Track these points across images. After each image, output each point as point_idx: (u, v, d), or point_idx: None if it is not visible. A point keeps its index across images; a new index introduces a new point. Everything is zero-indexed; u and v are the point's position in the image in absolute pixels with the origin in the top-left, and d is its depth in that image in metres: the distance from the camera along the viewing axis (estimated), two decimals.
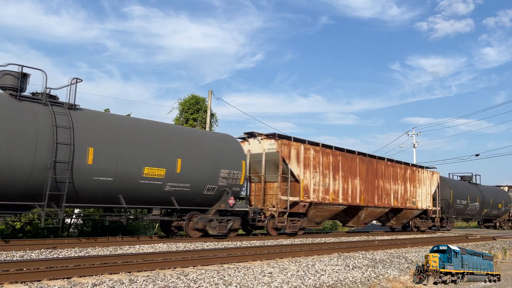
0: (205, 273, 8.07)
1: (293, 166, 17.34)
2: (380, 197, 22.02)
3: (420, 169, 26.17)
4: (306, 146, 18.09)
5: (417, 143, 45.00)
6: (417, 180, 25.50)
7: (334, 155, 19.46)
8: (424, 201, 25.89)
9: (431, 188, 26.91)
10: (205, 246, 12.87)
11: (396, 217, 24.65)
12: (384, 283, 9.68)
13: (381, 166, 22.53)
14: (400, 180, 23.83)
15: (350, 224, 21.81)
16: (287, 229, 17.07)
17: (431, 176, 27.19)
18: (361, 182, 20.87)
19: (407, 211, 24.49)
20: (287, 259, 10.83)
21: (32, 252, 9.76)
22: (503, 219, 39.19)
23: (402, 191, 23.87)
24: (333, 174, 19.18)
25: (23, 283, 6.48)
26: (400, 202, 23.52)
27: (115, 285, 6.68)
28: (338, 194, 19.28)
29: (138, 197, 12.74)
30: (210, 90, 26.07)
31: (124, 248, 11.33)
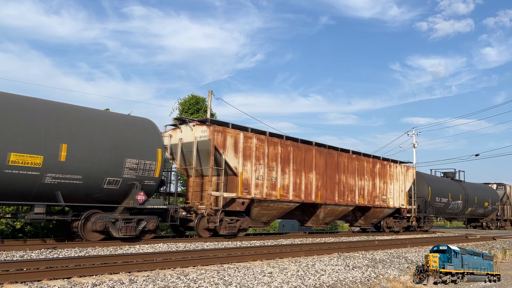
0: (205, 273, 8.07)
1: (229, 157, 15.08)
2: (341, 194, 19.76)
3: (392, 163, 23.70)
4: (247, 134, 15.77)
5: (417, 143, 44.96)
6: (389, 176, 23.13)
7: (284, 146, 17.15)
8: (397, 198, 23.55)
9: (405, 185, 24.57)
10: (205, 246, 12.88)
11: (365, 217, 22.33)
12: (384, 283, 9.68)
13: (344, 159, 20.16)
14: (367, 175, 21.51)
15: (309, 224, 19.53)
16: (222, 230, 14.79)
17: (405, 171, 24.73)
18: (318, 177, 18.60)
19: (376, 210, 22.17)
20: (287, 259, 10.83)
21: (32, 252, 9.76)
22: (490, 219, 36.44)
23: (369, 187, 21.53)
24: (282, 167, 16.90)
25: (23, 283, 6.48)
26: (367, 199, 21.23)
27: (115, 285, 6.68)
28: (288, 190, 17.02)
29: (3, 191, 10.42)
30: (210, 90, 26.09)
31: (124, 248, 11.33)
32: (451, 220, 36.42)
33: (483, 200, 33.95)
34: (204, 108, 27.95)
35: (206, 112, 26.62)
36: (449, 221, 39.81)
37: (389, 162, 23.52)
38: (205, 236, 14.77)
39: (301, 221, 20.00)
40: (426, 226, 26.65)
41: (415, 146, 44.85)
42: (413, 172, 25.51)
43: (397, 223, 24.21)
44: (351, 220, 22.78)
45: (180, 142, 15.81)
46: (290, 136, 17.82)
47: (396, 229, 24.06)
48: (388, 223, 23.87)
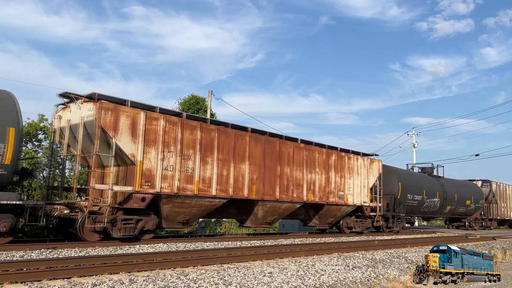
0: (205, 273, 8.07)
1: (123, 142, 12.28)
2: (285, 189, 16.93)
3: (352, 155, 20.74)
4: (151, 114, 13.00)
5: (417, 143, 45.07)
6: (347, 169, 20.23)
7: (206, 131, 14.34)
8: (358, 195, 20.68)
9: (368, 180, 21.56)
10: (205, 246, 12.88)
11: (319, 215, 19.47)
12: (384, 283, 9.68)
13: (289, 149, 17.30)
14: (320, 168, 18.68)
15: (248, 224, 16.86)
16: (115, 232, 12.16)
17: (368, 164, 21.72)
18: (253, 168, 15.79)
19: (331, 208, 19.40)
20: (287, 259, 10.84)
21: (32, 252, 9.76)
22: (473, 218, 33.73)
23: (322, 181, 18.74)
24: (203, 156, 14.14)
25: (23, 283, 6.48)
26: (318, 195, 18.45)
27: (115, 285, 6.68)
28: (210, 184, 14.26)
29: None
30: (210, 90, 26.10)
31: (124, 248, 11.33)
32: (429, 220, 33.45)
33: (464, 198, 31.26)
34: (204, 108, 27.97)
35: (206, 112, 26.63)
36: (427, 221, 36.81)
37: (348, 153, 20.59)
38: (93, 239, 12.16)
39: (239, 220, 17.39)
40: (396, 227, 23.80)
41: (415, 146, 44.91)
42: (378, 166, 22.48)
43: (359, 223, 21.45)
44: (305, 220, 20.09)
45: (68, 124, 12.96)
46: (217, 120, 15.12)
47: (358, 229, 21.33)
48: (348, 222, 21.09)
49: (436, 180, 28.74)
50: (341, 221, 21.02)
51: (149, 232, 13.26)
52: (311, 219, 19.83)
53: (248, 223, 16.82)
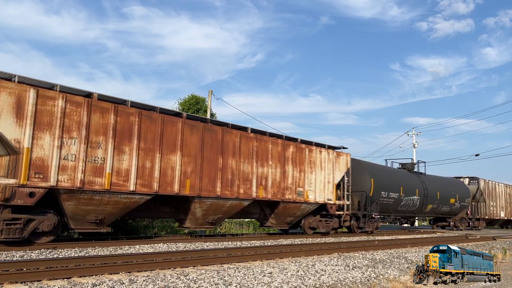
0: (205, 273, 8.07)
1: (4, 124, 10.20)
2: (228, 184, 14.83)
3: (315, 147, 18.69)
4: (45, 93, 10.91)
5: (417, 143, 45.06)
6: (308, 163, 18.16)
7: (122, 115, 12.21)
8: (321, 192, 18.67)
9: (334, 175, 19.51)
10: (205, 246, 12.88)
11: (275, 214, 17.35)
12: (384, 283, 9.68)
13: (234, 139, 15.19)
14: (274, 161, 16.59)
15: (188, 224, 14.74)
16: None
17: (334, 158, 19.68)
18: (188, 160, 13.68)
19: (288, 206, 17.33)
20: (287, 259, 10.84)
21: (32, 252, 9.76)
22: (459, 218, 31.51)
23: (277, 176, 16.68)
24: (118, 144, 12.03)
25: (23, 283, 6.48)
26: (271, 192, 16.35)
27: (115, 285, 6.68)
28: (127, 177, 12.14)
29: None
30: (210, 90, 26.12)
31: (124, 248, 11.33)
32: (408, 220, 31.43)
33: (448, 196, 29.00)
34: (204, 108, 27.98)
35: (206, 112, 26.63)
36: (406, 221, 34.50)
37: (309, 145, 18.47)
38: None
39: (179, 220, 15.29)
40: (368, 227, 21.83)
41: (415, 146, 44.90)
42: (346, 160, 20.40)
43: (323, 222, 19.36)
44: (260, 219, 18.16)
45: None
46: (136, 101, 12.95)
47: (322, 230, 19.30)
48: (310, 222, 19.09)
49: (416, 177, 26.66)
50: (303, 220, 19.04)
51: (48, 234, 11.23)
52: (267, 218, 17.74)
53: (188, 223, 14.80)
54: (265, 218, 17.85)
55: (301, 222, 19.18)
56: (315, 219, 19.19)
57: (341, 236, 19.88)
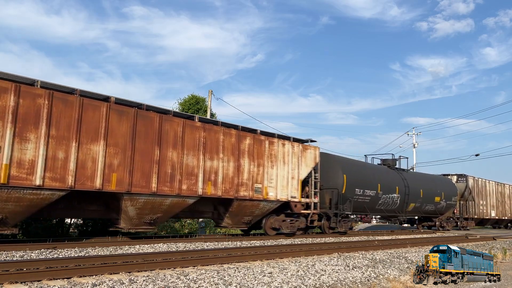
0: (205, 273, 8.07)
1: None
2: (167, 179, 13.01)
3: (276, 139, 16.91)
4: None
5: (417, 143, 45.06)
6: (268, 156, 16.40)
7: (25, 96, 10.46)
8: (283, 188, 16.87)
9: (299, 170, 17.73)
10: (205, 246, 12.88)
11: (229, 213, 15.52)
12: (384, 283, 9.68)
13: (176, 128, 13.39)
14: (226, 154, 14.84)
15: (122, 225, 12.99)
16: None
17: (300, 152, 17.89)
18: (114, 151, 11.97)
19: (244, 204, 15.47)
20: (287, 259, 10.84)
21: (32, 252, 9.76)
22: (446, 217, 29.49)
23: (230, 171, 14.89)
24: (20, 131, 10.29)
25: (23, 283, 6.48)
26: (223, 188, 14.61)
27: (115, 285, 6.68)
28: (33, 169, 10.38)
29: None
30: (210, 90, 26.11)
31: (124, 248, 11.33)
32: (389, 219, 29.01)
33: (432, 194, 27.14)
34: (204, 108, 27.97)
35: (206, 112, 26.63)
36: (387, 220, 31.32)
37: (270, 137, 16.71)
38: None
39: (111, 220, 13.55)
40: (341, 227, 19.96)
41: (415, 146, 44.91)
42: (314, 154, 18.60)
43: (287, 223, 17.47)
44: (215, 218, 16.27)
45: None
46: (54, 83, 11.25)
47: (286, 230, 17.36)
48: (272, 222, 17.13)
49: (396, 173, 24.67)
50: (264, 220, 17.04)
51: None
52: (222, 218, 15.86)
53: (122, 224, 12.96)
54: (220, 217, 15.96)
55: (262, 222, 17.13)
56: (277, 218, 17.29)
57: (341, 236, 19.86)
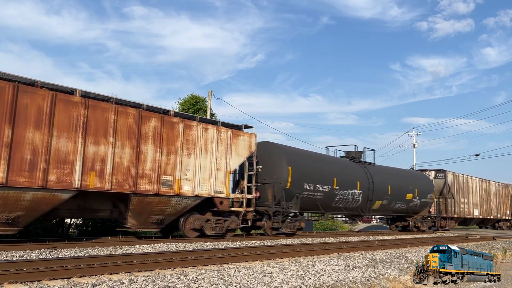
0: (205, 273, 8.07)
1: None
2: (26, 167, 10.43)
3: (196, 123, 14.21)
4: None
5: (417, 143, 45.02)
6: (184, 143, 13.73)
7: None
8: (205, 182, 14.22)
9: (228, 160, 15.06)
10: (205, 246, 12.88)
11: (131, 211, 12.73)
12: (384, 283, 9.68)
13: (40, 103, 10.79)
14: (120, 138, 12.21)
15: None
16: None
17: (229, 138, 15.17)
18: None
19: (148, 200, 12.83)
20: (287, 259, 10.83)
21: (32, 252, 9.76)
22: (421, 217, 26.63)
23: (124, 159, 12.24)
24: None
25: (23, 283, 6.47)
26: (113, 180, 11.95)
27: (115, 285, 6.68)
28: None
29: None
30: (210, 90, 26.12)
31: (124, 248, 11.33)
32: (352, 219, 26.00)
33: (403, 191, 24.35)
34: (204, 108, 27.96)
35: (206, 112, 26.63)
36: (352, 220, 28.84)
37: (187, 120, 14.05)
38: None
39: None
40: (286, 227, 17.56)
41: (415, 146, 44.87)
42: (250, 142, 15.89)
43: (211, 223, 14.51)
44: (119, 218, 13.54)
45: None
46: None
47: (209, 232, 14.35)
48: (192, 222, 14.20)
49: (359, 167, 21.99)
50: (181, 220, 14.10)
51: None
52: (125, 217, 13.00)
53: None
54: (123, 217, 13.19)
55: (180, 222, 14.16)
56: (199, 217, 14.31)
57: (341, 236, 19.83)
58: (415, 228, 26.37)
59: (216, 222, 14.65)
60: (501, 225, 38.29)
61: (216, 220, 14.72)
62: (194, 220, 14.24)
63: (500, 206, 37.50)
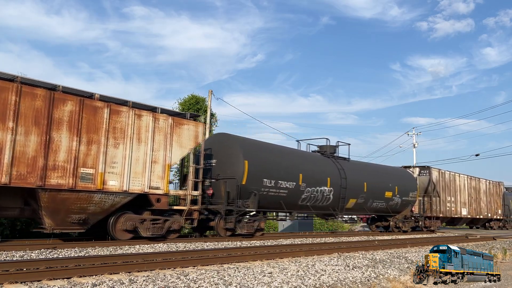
0: (205, 273, 8.07)
1: None
2: None
3: (125, 108, 12.43)
4: None
5: (417, 143, 45.00)
6: (110, 131, 12.04)
7: None
8: (138, 176, 12.56)
9: (167, 152, 13.32)
10: (205, 246, 12.87)
11: (45, 210, 11.05)
12: (384, 283, 9.68)
13: None
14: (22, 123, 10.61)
15: None
16: None
17: (169, 127, 13.46)
18: None
19: (62, 197, 11.19)
20: (287, 259, 10.83)
21: (32, 252, 9.76)
22: (403, 216, 24.74)
23: (29, 148, 10.68)
24: None
25: (23, 283, 6.47)
26: (13, 173, 10.34)
27: (115, 285, 6.68)
28: None
29: None
30: (210, 90, 26.11)
31: (124, 248, 11.33)
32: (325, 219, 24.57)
33: (382, 189, 22.45)
34: (204, 108, 27.95)
35: (206, 112, 26.63)
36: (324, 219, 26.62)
37: (114, 105, 12.27)
38: None
39: None
40: (242, 229, 15.62)
41: (415, 146, 44.87)
42: (196, 131, 14.14)
43: (147, 223, 12.82)
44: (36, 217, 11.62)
45: None
46: None
47: (144, 234, 12.70)
48: (123, 223, 12.43)
49: (331, 162, 20.07)
50: (110, 219, 12.38)
51: None
52: (40, 216, 11.28)
53: None
54: (38, 215, 11.45)
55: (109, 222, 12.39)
56: (130, 217, 12.59)
57: (341, 236, 19.83)
58: (396, 229, 24.53)
59: (153, 223, 12.99)
60: (492, 225, 36.24)
61: (154, 220, 13.04)
62: (126, 220, 12.50)
63: (491, 205, 35.36)
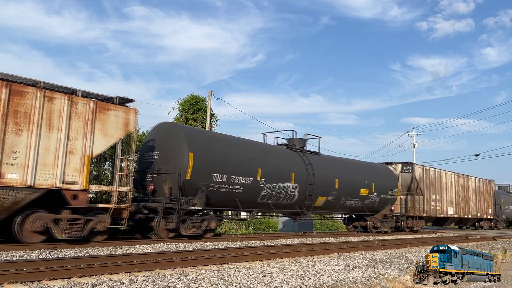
0: (205, 273, 8.07)
1: None
2: None
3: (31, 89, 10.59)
4: None
5: (417, 143, 45.00)
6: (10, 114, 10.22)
7: None
8: (48, 168, 10.73)
9: (89, 141, 11.52)
10: (205, 246, 12.88)
11: None
12: (384, 283, 9.68)
13: None
14: None
15: None
16: None
17: (91, 113, 11.59)
18: None
19: None
20: (287, 259, 10.83)
21: (32, 252, 9.75)
22: (382, 216, 23.07)
23: None
24: None
25: (23, 283, 6.47)
26: None
27: (115, 285, 6.68)
28: None
29: None
30: (210, 90, 26.11)
31: (124, 248, 11.33)
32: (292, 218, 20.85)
33: (356, 186, 20.71)
34: (204, 108, 27.95)
35: (206, 112, 26.62)
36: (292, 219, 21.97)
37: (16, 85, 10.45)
38: None
39: None
40: (188, 229, 13.99)
41: (415, 146, 44.87)
42: (125, 118, 12.34)
43: (63, 223, 11.12)
44: None
45: None
46: None
47: (59, 236, 11.06)
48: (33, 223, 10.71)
49: (297, 156, 18.40)
50: (16, 219, 10.73)
51: None
52: None
53: None
54: None
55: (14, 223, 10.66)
56: (41, 217, 10.87)
57: (341, 236, 19.82)
58: (374, 229, 22.85)
59: (72, 223, 11.27)
60: (482, 225, 34.26)
61: (72, 220, 11.29)
62: (36, 220, 10.78)
63: (481, 204, 33.17)
